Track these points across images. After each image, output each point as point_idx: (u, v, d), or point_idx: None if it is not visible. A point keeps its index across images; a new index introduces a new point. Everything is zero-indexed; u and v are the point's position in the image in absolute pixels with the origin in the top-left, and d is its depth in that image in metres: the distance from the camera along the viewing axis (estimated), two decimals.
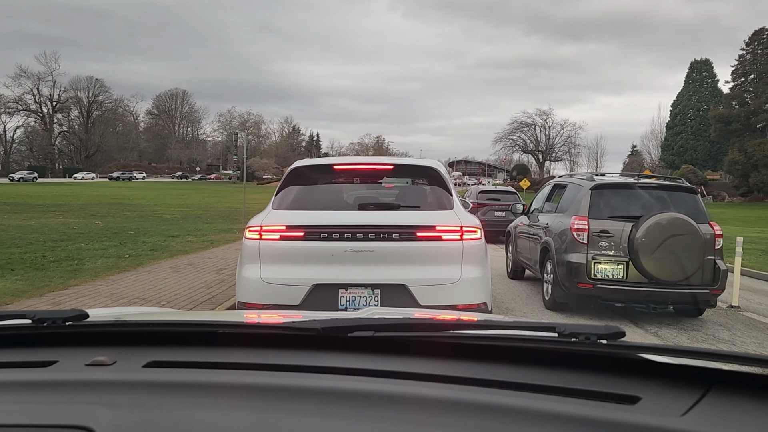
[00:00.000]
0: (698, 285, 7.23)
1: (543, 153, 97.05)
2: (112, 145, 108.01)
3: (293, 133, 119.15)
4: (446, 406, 0.99)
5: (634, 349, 1.15)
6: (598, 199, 7.79)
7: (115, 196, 39.80)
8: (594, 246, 7.45)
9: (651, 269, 7.13)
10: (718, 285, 7.30)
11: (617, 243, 7.39)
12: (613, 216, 7.60)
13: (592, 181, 8.09)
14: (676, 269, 7.15)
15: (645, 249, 7.12)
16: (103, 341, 1.34)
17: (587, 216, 7.62)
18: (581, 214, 7.68)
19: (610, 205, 7.78)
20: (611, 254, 7.40)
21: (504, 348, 1.24)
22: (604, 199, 7.82)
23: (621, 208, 7.73)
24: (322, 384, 1.07)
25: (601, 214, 7.64)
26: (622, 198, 7.89)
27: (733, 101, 57.88)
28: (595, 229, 7.50)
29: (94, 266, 9.83)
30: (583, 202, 7.85)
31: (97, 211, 24.24)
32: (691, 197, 7.90)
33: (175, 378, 1.13)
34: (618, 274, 7.34)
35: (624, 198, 7.88)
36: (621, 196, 7.92)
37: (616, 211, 7.68)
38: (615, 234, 7.42)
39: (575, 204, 8.04)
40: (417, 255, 4.67)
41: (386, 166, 5.35)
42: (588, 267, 7.39)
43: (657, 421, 0.91)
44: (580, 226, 7.58)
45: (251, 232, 4.78)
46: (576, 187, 8.50)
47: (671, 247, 7.08)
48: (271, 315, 2.65)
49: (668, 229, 7.10)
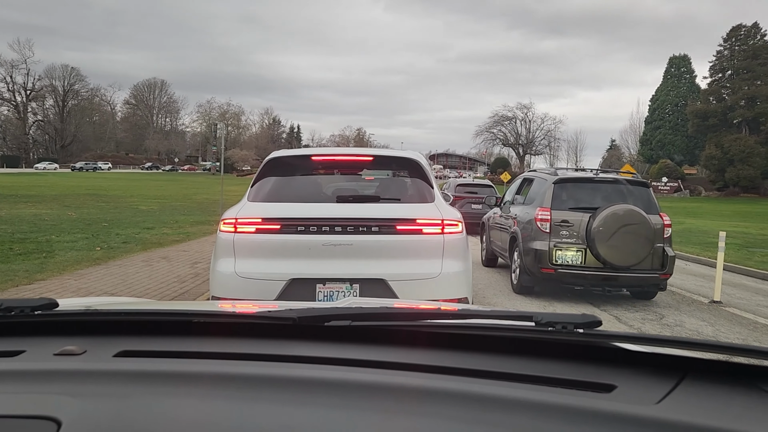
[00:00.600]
0: (649, 270, 7.97)
1: (523, 146, 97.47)
2: (89, 135, 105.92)
3: (274, 124, 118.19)
4: (423, 395, 0.99)
5: (610, 338, 1.17)
6: (560, 192, 8.49)
7: (91, 186, 39.02)
8: (556, 234, 8.16)
9: (606, 255, 7.84)
10: (667, 270, 8.05)
11: (576, 232, 8.11)
12: (573, 207, 8.32)
13: (555, 176, 8.82)
14: (628, 255, 7.84)
15: (601, 237, 7.82)
16: (73, 331, 1.32)
17: (550, 207, 8.31)
18: (545, 206, 8.37)
19: (570, 197, 8.49)
20: (571, 242, 8.11)
21: (481, 337, 1.24)
22: (566, 192, 8.51)
23: (580, 200, 8.44)
24: (298, 373, 1.06)
25: (562, 205, 8.35)
26: (582, 191, 8.61)
27: (711, 97, 58.65)
28: (557, 220, 8.20)
29: (63, 259, 9.50)
30: (546, 194, 8.52)
31: (71, 202, 23.67)
32: (644, 190, 8.61)
33: (147, 367, 1.11)
34: (577, 260, 8.08)
35: (583, 191, 8.60)
36: (581, 189, 8.64)
37: (576, 203, 8.40)
38: (574, 224, 8.13)
39: (540, 196, 8.72)
40: (397, 249, 4.52)
41: (366, 157, 5.22)
42: (550, 254, 8.10)
43: (632, 409, 0.92)
44: (544, 216, 8.27)
45: (226, 224, 4.60)
46: (541, 181, 9.17)
47: (624, 236, 7.78)
48: (246, 305, 2.61)
49: (621, 219, 7.80)
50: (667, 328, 6.87)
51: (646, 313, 7.65)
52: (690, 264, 13.62)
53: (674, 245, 16.44)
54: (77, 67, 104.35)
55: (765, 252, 15.01)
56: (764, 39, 56.47)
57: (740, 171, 53.50)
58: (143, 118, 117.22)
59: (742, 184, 54.42)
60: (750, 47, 55.80)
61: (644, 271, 7.96)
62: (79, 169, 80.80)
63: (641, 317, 7.41)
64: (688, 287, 10.07)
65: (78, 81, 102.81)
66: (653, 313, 7.68)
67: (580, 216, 8.14)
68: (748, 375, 1.07)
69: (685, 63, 70.24)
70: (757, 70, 54.26)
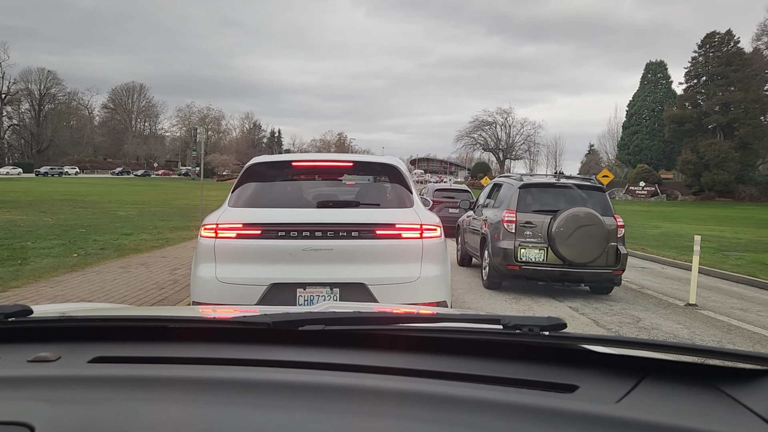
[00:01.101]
0: (603, 266, 8.77)
1: (503, 151, 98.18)
2: (66, 140, 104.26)
3: (254, 129, 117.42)
4: (395, 398, 1.01)
5: (574, 340, 1.20)
6: (525, 195, 9.31)
7: (68, 192, 38.45)
8: (520, 234, 8.96)
9: (565, 253, 8.65)
10: (620, 266, 8.84)
11: (539, 232, 8.90)
12: (536, 210, 9.11)
13: (521, 181, 9.69)
14: (584, 253, 8.64)
15: (560, 237, 8.62)
16: (48, 337, 1.31)
17: (516, 210, 9.10)
18: (511, 209, 9.17)
19: (534, 201, 9.28)
20: (534, 241, 8.91)
21: (452, 340, 1.27)
22: (530, 196, 9.33)
23: (543, 203, 9.24)
24: (271, 377, 1.08)
25: (527, 208, 9.14)
26: (544, 195, 9.42)
27: (686, 102, 59.53)
28: (522, 221, 9.00)
29: (39, 266, 9.35)
30: (513, 198, 9.32)
31: (48, 208, 23.29)
32: (601, 195, 9.44)
33: (122, 373, 1.11)
34: (539, 257, 8.87)
35: (546, 195, 9.42)
36: (543, 194, 9.46)
37: (539, 206, 9.18)
38: (537, 225, 8.93)
39: (507, 200, 9.50)
40: (376, 253, 4.56)
41: (346, 163, 5.26)
42: (515, 252, 8.89)
43: (592, 408, 0.95)
44: (510, 218, 9.06)
45: (206, 230, 4.60)
46: (509, 185, 10.02)
47: (581, 235, 8.58)
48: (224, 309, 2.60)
49: (579, 221, 8.61)
50: (644, 331, 6.97)
51: (623, 317, 7.75)
52: (666, 267, 13.82)
53: (652, 249, 16.72)
54: (54, 71, 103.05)
55: (739, 255, 15.29)
56: (737, 46, 57.54)
57: (715, 175, 54.38)
58: (122, 122, 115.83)
59: (717, 189, 55.32)
60: (724, 54, 56.81)
61: (599, 268, 8.75)
62: (44, 174, 76.11)
63: (618, 321, 7.51)
64: (664, 290, 10.23)
65: (55, 84, 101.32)
66: (630, 317, 7.78)
67: (543, 218, 8.91)
68: (705, 375, 1.10)
69: (662, 69, 71.31)
70: (731, 76, 55.26)
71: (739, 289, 10.99)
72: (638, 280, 11.31)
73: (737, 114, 54.29)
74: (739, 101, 54.17)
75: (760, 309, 8.89)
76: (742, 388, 1.03)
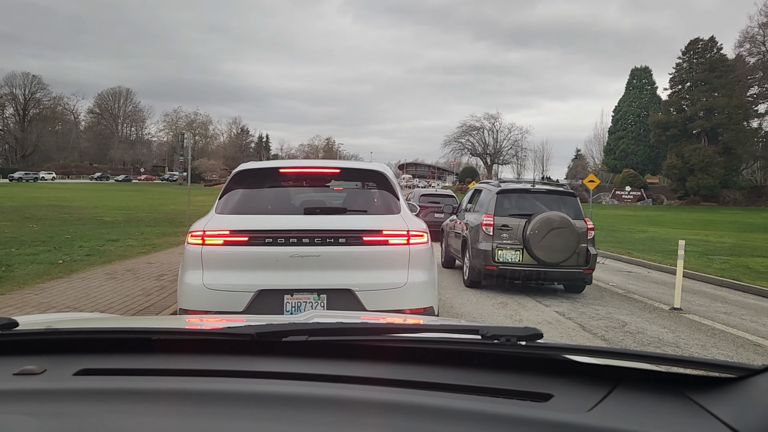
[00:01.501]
0: (575, 266, 9.41)
1: (491, 156, 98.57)
2: (51, 145, 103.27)
3: (242, 134, 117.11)
4: (376, 408, 1.02)
5: (550, 350, 1.24)
6: (502, 200, 9.94)
7: (54, 197, 38.10)
8: (498, 237, 9.58)
9: (539, 254, 9.27)
10: (590, 265, 9.49)
11: (515, 234, 9.54)
12: (512, 214, 9.74)
13: (499, 187, 10.35)
14: (557, 254, 9.26)
15: (534, 239, 9.25)
16: (33, 350, 1.31)
17: (493, 214, 9.72)
18: (489, 213, 9.79)
19: (511, 205, 9.94)
20: (510, 243, 9.54)
21: (431, 350, 1.29)
22: (507, 201, 9.97)
23: (518, 207, 9.88)
24: (255, 388, 1.09)
25: (504, 212, 9.78)
26: (520, 200, 10.07)
27: (671, 108, 60.19)
28: (499, 224, 9.63)
29: (24, 273, 9.26)
30: (491, 203, 9.95)
31: (32, 214, 23.07)
32: (573, 199, 10.13)
33: (108, 386, 1.11)
34: (515, 258, 9.51)
35: (521, 200, 10.07)
36: (519, 199, 10.11)
37: (515, 210, 9.82)
38: (513, 228, 9.56)
39: (486, 205, 10.15)
40: (363, 260, 4.58)
41: (333, 169, 5.28)
42: (493, 253, 9.53)
43: (565, 417, 0.97)
44: (488, 222, 9.69)
45: (194, 237, 4.59)
46: (487, 191, 10.62)
47: (553, 237, 9.21)
48: (210, 319, 2.60)
49: (551, 224, 9.23)
50: (630, 336, 7.03)
51: (609, 321, 7.81)
52: (652, 272, 13.94)
53: (638, 253, 16.88)
54: (39, 75, 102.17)
55: (723, 259, 15.47)
56: (720, 53, 58.31)
57: (700, 180, 54.97)
58: (108, 127, 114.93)
59: (702, 193, 55.93)
60: (707, 60, 57.53)
61: (571, 267, 9.40)
62: (18, 180, 73.49)
63: (604, 325, 7.56)
64: (650, 294, 10.32)
65: (40, 89, 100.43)
66: (616, 321, 7.85)
67: (518, 221, 9.56)
68: (675, 383, 1.13)
69: (647, 74, 72.10)
70: (715, 82, 55.98)
71: (723, 292, 11.11)
72: (624, 285, 11.41)
73: (721, 119, 54.97)
74: (723, 107, 54.85)
75: (744, 313, 8.99)
76: (709, 395, 1.06)
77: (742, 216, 40.37)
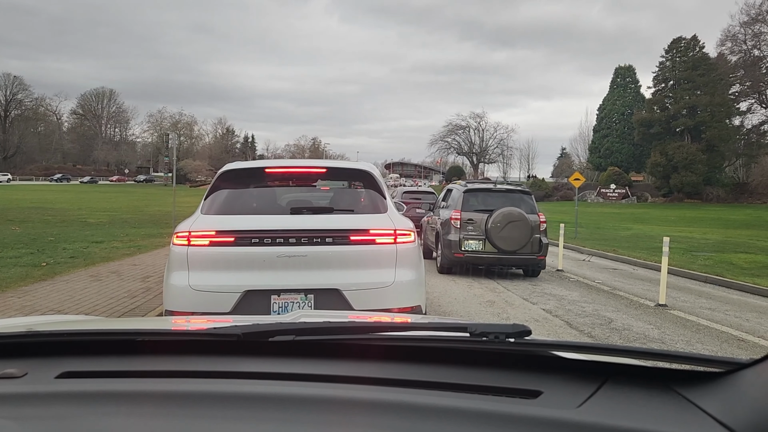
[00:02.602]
0: (529, 253, 11.13)
1: (477, 155, 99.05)
2: (33, 146, 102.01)
3: (227, 134, 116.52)
4: (363, 407, 1.01)
5: (538, 347, 1.24)
6: (468, 198, 11.70)
7: (37, 199, 37.65)
8: (464, 229, 11.30)
9: (498, 244, 11.03)
10: (542, 253, 11.21)
11: (478, 227, 11.26)
12: (476, 209, 11.46)
13: (465, 187, 12.10)
14: (513, 243, 10.99)
15: (494, 230, 11.01)
16: (14, 353, 1.29)
17: (461, 210, 11.42)
18: (457, 209, 11.52)
19: (476, 202, 11.66)
20: (474, 234, 11.27)
21: (419, 348, 1.28)
22: (472, 199, 11.73)
23: (482, 204, 11.58)
24: (241, 389, 1.08)
25: (469, 208, 11.51)
26: (483, 198, 11.81)
27: (655, 106, 60.65)
28: (465, 219, 11.34)
29: (6, 276, 9.13)
30: (459, 200, 11.70)
31: (15, 216, 22.76)
32: (528, 197, 11.91)
33: (90, 388, 1.10)
34: (479, 247, 11.25)
35: (484, 198, 11.81)
36: (482, 197, 11.83)
37: (479, 206, 11.52)
38: (477, 221, 11.27)
39: (455, 202, 11.92)
40: (351, 259, 4.57)
41: (319, 169, 5.27)
42: (460, 243, 11.24)
43: (554, 414, 0.97)
44: (456, 216, 11.39)
45: (179, 237, 4.55)
46: (457, 190, 12.36)
47: (510, 229, 10.94)
48: (196, 320, 2.58)
49: (508, 218, 10.99)
50: (616, 332, 7.08)
51: (595, 318, 7.86)
52: (638, 269, 14.06)
53: (623, 251, 17.10)
54: (20, 76, 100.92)
55: (707, 255, 15.63)
56: (702, 51, 58.87)
57: (684, 177, 55.47)
58: (91, 128, 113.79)
59: (685, 190, 56.44)
60: (690, 59, 58.05)
61: (526, 254, 11.12)
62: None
63: (590, 322, 7.61)
64: (635, 291, 10.40)
65: (21, 90, 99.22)
66: (602, 318, 7.90)
67: (481, 216, 11.25)
68: (662, 378, 1.13)
69: (630, 73, 72.68)
70: (697, 80, 56.49)
71: (708, 288, 11.23)
72: (610, 282, 11.49)
73: (704, 117, 55.52)
74: (705, 105, 55.39)
75: (728, 308, 9.09)
76: (696, 390, 1.06)
77: (725, 213, 40.84)
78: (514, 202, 11.42)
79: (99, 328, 1.58)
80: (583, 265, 14.41)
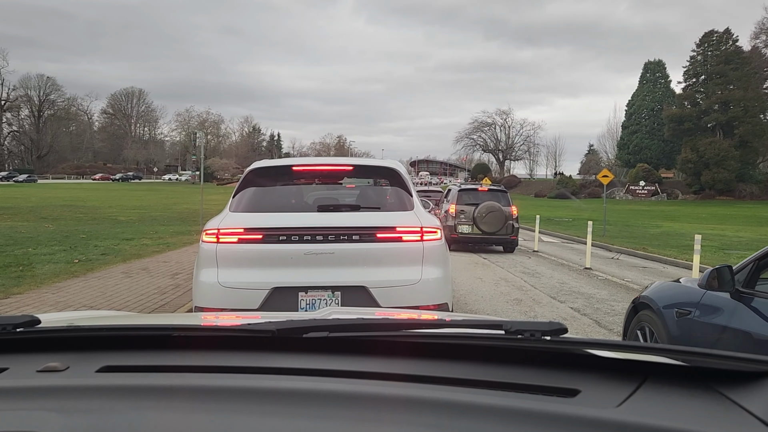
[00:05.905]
0: (504, 234, 15.49)
1: (503, 152, 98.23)
2: (66, 146, 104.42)
3: (254, 132, 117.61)
4: (398, 404, 1.02)
5: (575, 345, 1.22)
6: (461, 195, 16.29)
7: (68, 197, 38.49)
8: (458, 218, 15.69)
9: (482, 227, 15.39)
10: (514, 233, 15.58)
11: (468, 215, 15.59)
12: (467, 203, 15.78)
13: (459, 187, 17.34)
14: (493, 227, 15.34)
15: (479, 218, 15.36)
16: (56, 347, 1.33)
17: (456, 203, 15.87)
18: (453, 202, 16.02)
19: (467, 197, 16.09)
20: (465, 221, 15.62)
21: (455, 346, 1.28)
22: (465, 195, 16.28)
23: (471, 199, 15.94)
24: (277, 385, 1.09)
25: (462, 202, 15.90)
26: (473, 194, 16.33)
27: (685, 101, 59.52)
28: (459, 210, 15.72)
29: (41, 272, 9.36)
30: (455, 196, 16.30)
31: (48, 214, 23.31)
32: (504, 194, 16.58)
33: (129, 382, 1.12)
34: (468, 230, 15.61)
35: (473, 194, 16.34)
36: (472, 193, 16.38)
37: (469, 200, 15.88)
38: (467, 212, 15.62)
39: (452, 197, 16.53)
40: (377, 257, 4.57)
41: (346, 167, 5.27)
42: (456, 227, 15.61)
43: (594, 413, 0.96)
44: (452, 208, 15.82)
45: (208, 235, 4.59)
46: (454, 189, 17.23)
47: (491, 217, 15.32)
48: (229, 317, 2.61)
49: (489, 209, 15.33)
50: None
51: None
52: (668, 267, 13.81)
53: (653, 249, 16.99)
54: (53, 77, 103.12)
55: (741, 254, 15.27)
56: (736, 44, 57.56)
57: (715, 174, 54.35)
58: (121, 127, 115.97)
59: (717, 187, 55.28)
60: (722, 53, 56.80)
61: (502, 235, 15.48)
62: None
63: (619, 321, 7.43)
64: None
65: (54, 91, 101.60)
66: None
67: (470, 207, 15.57)
68: (704, 378, 1.11)
69: (660, 68, 71.34)
70: (730, 74, 55.26)
71: None
72: (639, 280, 11.30)
73: (736, 112, 54.31)
74: (739, 99, 54.19)
75: None
76: (739, 390, 1.05)
77: (759, 210, 39.89)
78: (494, 198, 15.89)
79: (136, 324, 1.60)
80: (611, 263, 14.21)
